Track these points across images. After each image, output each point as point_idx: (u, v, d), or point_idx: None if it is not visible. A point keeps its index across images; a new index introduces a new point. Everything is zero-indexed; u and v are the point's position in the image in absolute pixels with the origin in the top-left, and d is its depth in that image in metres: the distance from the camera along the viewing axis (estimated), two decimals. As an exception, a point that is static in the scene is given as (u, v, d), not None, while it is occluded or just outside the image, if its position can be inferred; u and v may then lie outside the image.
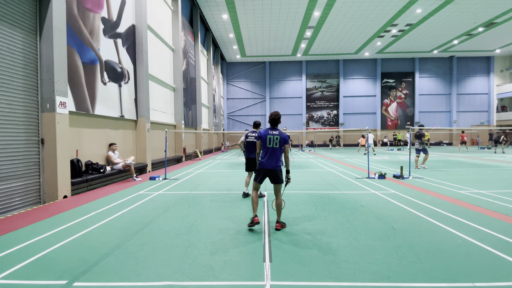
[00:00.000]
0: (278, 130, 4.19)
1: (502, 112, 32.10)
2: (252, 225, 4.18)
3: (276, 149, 4.11)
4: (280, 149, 4.15)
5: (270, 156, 4.11)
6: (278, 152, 4.14)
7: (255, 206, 4.28)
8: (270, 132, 4.14)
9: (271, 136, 4.12)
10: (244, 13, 20.29)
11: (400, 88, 33.05)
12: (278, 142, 4.10)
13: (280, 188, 4.19)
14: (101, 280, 2.76)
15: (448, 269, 2.93)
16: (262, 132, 4.25)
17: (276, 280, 2.75)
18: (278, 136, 4.11)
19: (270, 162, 4.10)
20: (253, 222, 4.18)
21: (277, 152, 4.12)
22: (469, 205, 5.54)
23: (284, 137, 4.13)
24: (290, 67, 33.35)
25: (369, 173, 9.50)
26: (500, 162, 13.33)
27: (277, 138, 4.11)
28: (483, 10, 20.21)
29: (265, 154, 4.14)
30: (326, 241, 3.72)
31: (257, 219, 4.18)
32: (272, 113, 4.26)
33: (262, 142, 4.18)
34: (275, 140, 4.10)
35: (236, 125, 33.92)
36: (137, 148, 11.07)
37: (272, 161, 4.10)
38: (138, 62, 10.97)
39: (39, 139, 6.19)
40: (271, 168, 4.09)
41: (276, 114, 4.25)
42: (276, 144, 4.10)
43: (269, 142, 4.12)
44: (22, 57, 5.85)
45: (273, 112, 4.26)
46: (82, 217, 4.90)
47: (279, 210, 4.27)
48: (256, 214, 4.26)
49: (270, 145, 4.11)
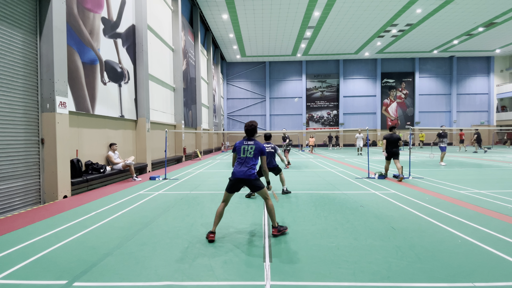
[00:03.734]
0: (254, 141, 4.05)
1: (502, 112, 32.10)
2: (208, 239, 3.73)
3: (250, 158, 3.94)
4: (255, 158, 3.96)
5: (242, 165, 3.94)
6: (252, 161, 3.95)
7: (216, 220, 3.87)
8: (245, 143, 4.03)
9: (246, 146, 4.00)
10: (244, 13, 20.28)
11: (400, 88, 33.04)
12: (253, 152, 3.94)
13: (264, 193, 3.95)
14: (101, 280, 2.76)
15: (448, 269, 2.93)
16: (237, 143, 4.10)
17: (276, 280, 2.75)
18: (253, 146, 3.98)
19: (241, 170, 3.92)
20: (207, 238, 3.75)
21: (250, 161, 3.94)
22: (469, 205, 5.54)
23: (260, 147, 3.98)
24: (290, 67, 33.34)
25: (369, 173, 9.50)
26: (500, 162, 13.33)
27: (252, 148, 3.97)
28: (483, 10, 20.21)
29: (238, 164, 3.99)
30: (326, 241, 3.72)
31: (211, 237, 3.72)
32: (246, 124, 4.13)
33: (237, 152, 4.05)
34: (249, 150, 3.96)
35: (236, 125, 33.92)
36: (137, 148, 11.07)
37: (243, 169, 3.91)
38: (138, 62, 10.97)
39: (39, 139, 6.19)
40: (244, 177, 3.88)
41: (251, 124, 4.11)
42: (250, 153, 3.95)
43: (243, 152, 3.99)
44: (22, 57, 5.85)
45: (248, 123, 4.13)
46: (82, 217, 4.90)
47: (271, 214, 3.94)
48: (214, 231, 3.79)
49: (244, 155, 3.97)
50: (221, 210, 3.94)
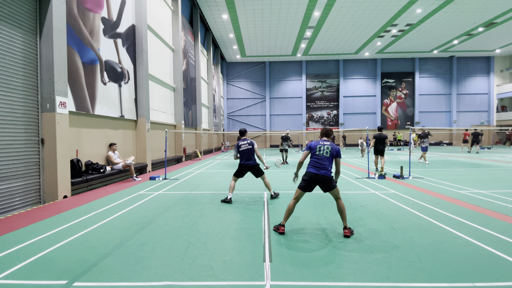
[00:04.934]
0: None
1: (502, 112, 32.10)
2: (279, 232, 4.04)
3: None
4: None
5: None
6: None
7: (287, 214, 4.07)
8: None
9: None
10: (244, 13, 20.28)
11: (400, 88, 33.04)
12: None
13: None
14: (101, 280, 2.76)
15: (448, 269, 2.93)
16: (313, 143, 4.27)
17: (276, 280, 2.75)
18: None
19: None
20: (278, 230, 4.04)
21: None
22: (469, 205, 5.54)
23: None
24: (290, 67, 33.34)
25: (369, 173, 9.50)
26: (500, 162, 13.33)
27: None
28: (483, 10, 20.21)
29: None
30: (326, 241, 3.72)
31: (282, 229, 3.99)
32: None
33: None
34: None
35: (236, 125, 33.91)
36: (137, 148, 11.06)
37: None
38: (138, 62, 10.97)
39: (39, 139, 6.19)
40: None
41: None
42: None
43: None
44: (22, 57, 5.85)
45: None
46: (82, 217, 4.90)
47: (342, 214, 3.99)
48: (284, 224, 4.03)
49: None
50: (292, 206, 4.12)
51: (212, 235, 3.98)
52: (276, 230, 4.08)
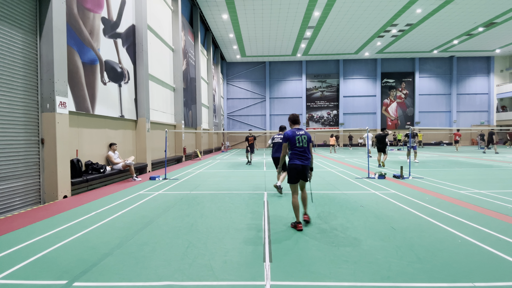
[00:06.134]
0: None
1: (502, 112, 32.08)
2: (297, 229, 4.23)
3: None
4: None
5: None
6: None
7: (297, 212, 4.29)
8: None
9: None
10: (244, 13, 20.28)
11: (400, 88, 33.03)
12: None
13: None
14: (101, 280, 2.76)
15: (448, 269, 2.93)
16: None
17: (276, 280, 2.75)
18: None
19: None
20: (296, 227, 4.22)
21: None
22: (469, 205, 5.54)
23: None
24: (290, 67, 33.33)
25: (369, 173, 9.50)
26: (500, 162, 13.33)
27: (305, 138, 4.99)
28: (483, 10, 20.20)
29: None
30: (326, 241, 3.72)
31: (300, 226, 4.18)
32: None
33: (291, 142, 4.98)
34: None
35: (236, 125, 33.91)
36: (137, 148, 11.06)
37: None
38: (138, 62, 10.97)
39: (39, 139, 6.18)
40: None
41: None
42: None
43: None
44: (22, 57, 5.85)
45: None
46: (82, 217, 4.90)
47: (305, 203, 4.57)
48: (300, 221, 4.29)
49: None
50: (297, 201, 4.33)
51: (212, 235, 3.98)
52: (294, 227, 4.24)
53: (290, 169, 4.34)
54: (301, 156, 4.33)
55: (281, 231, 4.16)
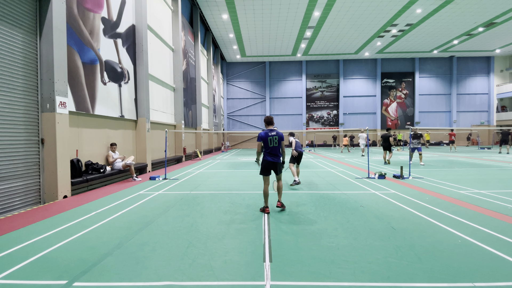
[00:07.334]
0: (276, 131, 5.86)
1: (502, 112, 32.08)
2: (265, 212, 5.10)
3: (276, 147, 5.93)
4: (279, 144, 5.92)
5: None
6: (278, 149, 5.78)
7: (266, 198, 5.22)
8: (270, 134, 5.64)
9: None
10: (244, 13, 20.28)
11: (400, 88, 33.03)
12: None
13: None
14: (101, 280, 2.76)
15: (448, 269, 2.93)
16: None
17: (276, 280, 2.75)
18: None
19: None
20: (264, 211, 5.12)
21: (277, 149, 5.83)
22: (469, 205, 5.54)
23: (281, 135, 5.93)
24: (290, 67, 33.33)
25: (369, 173, 9.50)
26: (500, 162, 13.33)
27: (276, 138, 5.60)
28: (483, 10, 20.20)
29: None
30: (326, 241, 3.72)
31: (267, 210, 5.11)
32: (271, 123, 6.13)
33: (264, 142, 5.60)
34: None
35: (236, 125, 33.92)
36: (137, 148, 11.06)
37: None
38: (138, 62, 10.97)
39: (39, 139, 6.19)
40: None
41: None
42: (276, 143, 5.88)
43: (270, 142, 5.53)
44: (22, 57, 5.85)
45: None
46: (82, 217, 4.90)
47: (280, 191, 5.45)
48: (267, 205, 5.19)
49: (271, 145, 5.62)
50: (267, 189, 5.23)
51: (212, 235, 3.98)
52: (263, 211, 5.11)
53: (263, 164, 5.25)
54: (272, 154, 5.21)
55: (281, 231, 4.16)
